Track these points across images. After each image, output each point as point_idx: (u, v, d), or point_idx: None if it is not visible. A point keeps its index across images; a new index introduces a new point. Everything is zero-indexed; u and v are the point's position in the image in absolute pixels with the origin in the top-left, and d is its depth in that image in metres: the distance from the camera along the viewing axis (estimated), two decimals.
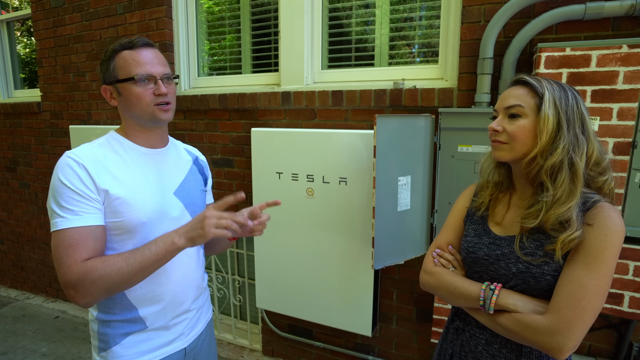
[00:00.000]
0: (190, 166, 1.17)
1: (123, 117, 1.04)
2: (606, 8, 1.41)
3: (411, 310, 2.01)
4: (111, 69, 0.98)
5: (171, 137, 1.18)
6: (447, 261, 1.01)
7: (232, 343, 2.63)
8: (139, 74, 0.96)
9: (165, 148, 1.11)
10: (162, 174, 1.06)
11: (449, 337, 1.04)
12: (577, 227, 0.79)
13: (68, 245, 0.87)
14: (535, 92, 0.83)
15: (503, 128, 0.86)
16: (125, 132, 1.04)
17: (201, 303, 1.20)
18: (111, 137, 1.03)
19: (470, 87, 1.69)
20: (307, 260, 1.98)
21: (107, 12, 2.54)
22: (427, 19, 1.91)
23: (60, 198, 0.89)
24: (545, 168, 0.81)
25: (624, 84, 1.33)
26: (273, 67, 2.27)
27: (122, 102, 1.00)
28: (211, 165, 2.38)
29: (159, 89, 0.98)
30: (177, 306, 1.08)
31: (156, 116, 1.00)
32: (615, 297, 1.45)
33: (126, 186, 0.96)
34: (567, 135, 0.80)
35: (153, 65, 0.99)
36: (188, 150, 1.23)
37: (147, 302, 1.02)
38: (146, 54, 0.99)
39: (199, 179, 1.19)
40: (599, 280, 0.77)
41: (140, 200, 0.97)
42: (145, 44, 1.00)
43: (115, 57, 0.98)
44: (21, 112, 3.14)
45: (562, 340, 0.76)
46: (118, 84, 0.98)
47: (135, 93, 0.97)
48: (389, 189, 1.61)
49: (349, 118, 1.98)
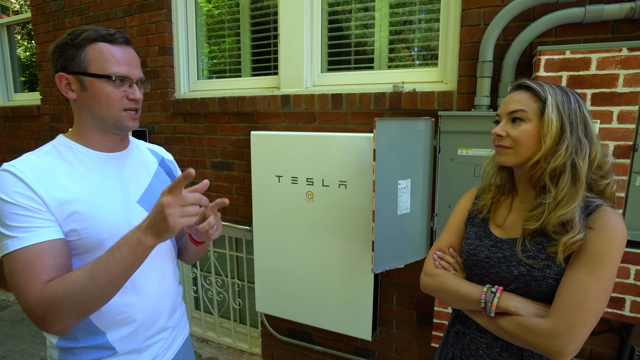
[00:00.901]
0: (156, 169, 1.05)
1: (79, 115, 0.90)
2: (606, 11, 1.41)
3: (411, 314, 2.00)
4: (80, 58, 0.85)
5: (132, 138, 1.06)
6: (448, 264, 1.01)
7: (231, 347, 2.62)
8: (117, 72, 0.86)
9: (125, 151, 0.98)
10: (123, 181, 0.94)
11: (450, 341, 1.03)
12: (580, 230, 0.79)
13: (23, 268, 0.75)
14: (537, 97, 0.83)
15: (507, 133, 0.87)
16: (79, 135, 0.91)
17: (177, 320, 1.08)
18: (60, 143, 0.90)
19: (470, 90, 1.69)
20: (307, 264, 1.97)
21: (107, 16, 2.55)
22: (426, 22, 1.91)
23: (4, 217, 0.77)
24: (548, 171, 0.82)
25: (624, 87, 1.32)
26: (272, 71, 2.27)
27: (84, 98, 0.87)
28: (211, 169, 2.37)
29: (134, 93, 0.89)
30: (151, 325, 0.97)
31: (123, 123, 0.90)
32: (616, 301, 1.44)
33: (81, 200, 0.84)
34: (570, 138, 0.80)
35: (132, 67, 0.89)
36: (152, 150, 1.10)
37: (116, 325, 0.90)
38: (125, 52, 0.89)
39: (166, 182, 1.06)
40: (600, 284, 0.77)
41: (99, 215, 0.85)
42: (126, 41, 0.90)
43: (87, 46, 0.85)
44: (21, 116, 3.14)
45: (564, 344, 0.76)
46: (85, 77, 0.85)
47: (106, 92, 0.86)
48: (389, 193, 1.60)
49: (348, 121, 1.98)
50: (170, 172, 1.10)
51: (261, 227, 2.06)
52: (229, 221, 2.37)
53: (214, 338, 2.68)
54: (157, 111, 2.49)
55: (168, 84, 2.41)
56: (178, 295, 1.09)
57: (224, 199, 0.85)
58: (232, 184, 2.34)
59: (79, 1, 2.65)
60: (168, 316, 1.03)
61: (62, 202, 0.81)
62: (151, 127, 2.54)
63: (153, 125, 2.53)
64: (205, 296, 2.71)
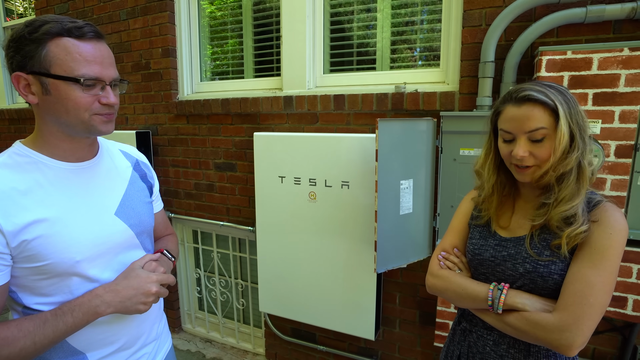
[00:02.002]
0: (131, 174, 0.95)
1: (42, 120, 0.77)
2: (607, 11, 1.41)
3: (414, 314, 2.01)
4: (41, 56, 0.71)
5: (102, 140, 0.93)
6: (453, 264, 1.02)
7: (235, 347, 2.63)
8: (85, 74, 0.73)
9: (95, 158, 0.87)
10: (95, 194, 0.83)
11: (456, 339, 1.04)
12: (583, 222, 0.81)
13: None
14: (550, 109, 0.81)
15: (529, 152, 0.83)
16: (41, 142, 0.78)
17: (160, 331, 1.03)
18: (18, 153, 0.77)
19: (471, 90, 1.69)
20: (310, 264, 1.98)
21: (111, 19, 2.57)
22: (428, 22, 1.92)
23: None
24: (556, 175, 0.83)
25: (625, 86, 1.33)
26: (275, 72, 2.28)
27: (47, 102, 0.74)
28: (214, 170, 2.39)
29: (108, 98, 0.77)
30: (134, 342, 0.92)
31: (94, 127, 0.77)
32: (619, 300, 1.44)
33: (45, 221, 0.73)
34: (580, 143, 0.81)
35: (104, 66, 0.76)
36: (125, 152, 0.98)
37: (97, 346, 0.83)
38: (97, 49, 0.75)
39: (142, 188, 0.97)
40: (604, 277, 0.79)
41: (68, 236, 0.75)
42: (97, 35, 0.76)
43: (49, 41, 0.71)
44: (26, 118, 3.17)
45: (572, 337, 0.77)
46: (47, 78, 0.72)
47: (73, 97, 0.73)
48: (391, 193, 1.61)
49: (350, 122, 1.99)
50: (144, 177, 1.00)
51: (264, 227, 2.07)
52: (232, 222, 2.38)
53: (218, 338, 2.70)
54: (161, 113, 2.51)
55: (171, 85, 2.43)
56: (161, 307, 1.06)
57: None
58: (235, 185, 2.36)
59: (83, 4, 2.67)
60: (151, 328, 0.98)
61: (22, 227, 0.71)
62: (154, 129, 2.56)
63: (156, 127, 2.55)
64: (209, 297, 2.72)
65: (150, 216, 0.97)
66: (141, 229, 0.92)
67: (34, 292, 0.77)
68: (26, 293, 0.77)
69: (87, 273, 0.79)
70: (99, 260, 0.81)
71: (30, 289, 0.76)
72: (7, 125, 3.33)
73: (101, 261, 0.82)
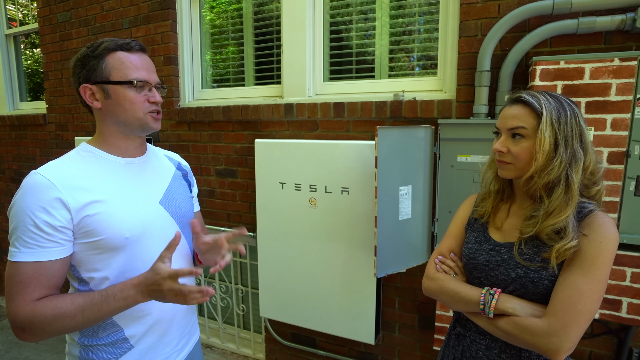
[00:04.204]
0: (174, 172, 1.11)
1: (103, 122, 0.95)
2: (598, 23, 1.46)
3: (413, 318, 2.03)
4: (102, 68, 0.90)
5: (150, 145, 1.11)
6: (449, 267, 1.04)
7: (235, 352, 2.64)
8: (137, 78, 0.91)
9: (144, 156, 1.04)
10: (143, 184, 0.99)
11: (451, 343, 1.07)
12: (573, 237, 0.82)
13: (19, 281, 0.82)
14: (535, 112, 0.85)
15: (507, 149, 0.89)
16: (101, 141, 0.96)
17: (191, 322, 1.15)
18: (83, 150, 0.95)
19: (468, 98, 1.73)
20: (310, 269, 2.01)
21: (113, 27, 2.60)
22: (425, 31, 1.97)
23: (22, 231, 0.82)
24: (542, 184, 0.85)
25: (616, 95, 1.37)
26: (276, 80, 2.32)
27: (109, 105, 0.92)
28: (215, 176, 2.42)
29: (155, 96, 0.95)
30: (167, 324, 1.02)
31: (148, 124, 0.95)
32: (613, 303, 1.47)
33: (102, 202, 0.88)
34: (564, 153, 0.83)
35: (149, 72, 0.94)
36: (169, 156, 1.16)
37: (133, 321, 0.95)
38: (142, 58, 0.94)
39: (183, 185, 1.13)
40: (594, 285, 0.80)
41: (119, 215, 0.89)
42: (142, 48, 0.96)
43: (107, 56, 0.90)
44: (27, 124, 3.19)
45: (559, 342, 0.79)
46: (108, 85, 0.90)
47: (129, 98, 0.91)
48: (391, 199, 1.64)
49: (350, 129, 2.03)
50: (186, 176, 1.17)
51: (265, 233, 2.10)
52: (233, 227, 2.40)
53: (218, 344, 2.70)
54: (162, 119, 2.52)
55: (173, 93, 2.46)
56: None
57: (242, 229, 1.05)
58: (236, 191, 2.38)
59: (86, 12, 2.71)
60: (183, 316, 1.08)
61: (84, 205, 0.86)
62: (156, 135, 2.58)
63: (158, 133, 2.58)
64: (209, 302, 2.73)
65: (190, 209, 1.13)
66: (181, 218, 1.05)
67: (88, 267, 0.90)
68: (81, 268, 0.91)
69: (134, 250, 0.92)
70: (145, 241, 0.94)
71: (84, 263, 0.90)
72: (8, 131, 3.35)
73: (146, 242, 0.94)
